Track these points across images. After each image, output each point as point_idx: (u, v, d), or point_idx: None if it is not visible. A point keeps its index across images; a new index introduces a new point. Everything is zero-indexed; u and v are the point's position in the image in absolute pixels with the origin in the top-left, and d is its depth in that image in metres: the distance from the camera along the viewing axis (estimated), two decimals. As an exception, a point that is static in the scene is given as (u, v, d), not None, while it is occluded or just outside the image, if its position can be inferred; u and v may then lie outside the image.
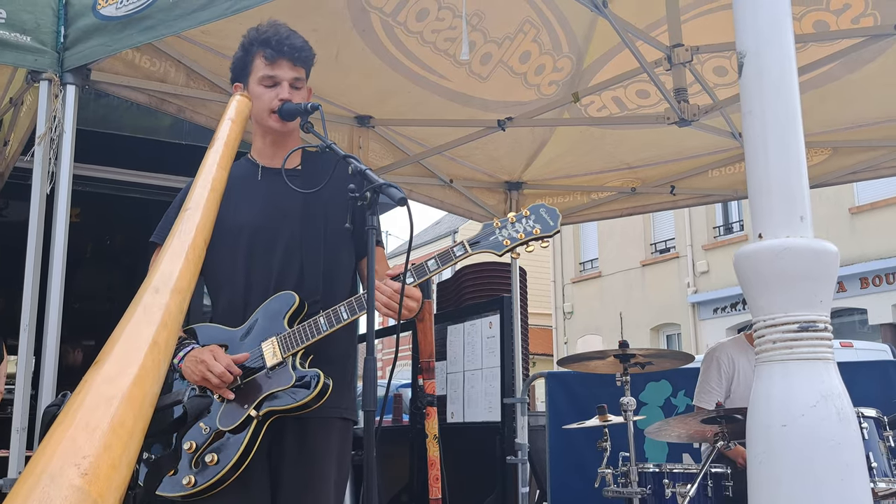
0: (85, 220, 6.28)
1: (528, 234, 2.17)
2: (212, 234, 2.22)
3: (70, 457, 1.04)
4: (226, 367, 2.13)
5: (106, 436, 1.09)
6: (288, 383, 2.15)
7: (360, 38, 3.75)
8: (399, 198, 1.94)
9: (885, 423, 3.23)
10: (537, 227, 2.18)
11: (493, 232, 2.18)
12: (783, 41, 1.82)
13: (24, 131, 3.39)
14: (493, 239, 2.18)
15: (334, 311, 2.17)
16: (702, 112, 3.82)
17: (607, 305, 20.53)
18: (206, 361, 2.12)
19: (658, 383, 5.01)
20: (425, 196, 5.19)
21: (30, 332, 2.62)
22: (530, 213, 2.19)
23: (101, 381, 1.20)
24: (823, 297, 1.73)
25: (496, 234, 2.18)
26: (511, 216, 2.20)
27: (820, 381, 1.68)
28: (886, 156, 4.77)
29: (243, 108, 2.34)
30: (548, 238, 2.18)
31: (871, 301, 15.24)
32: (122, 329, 1.31)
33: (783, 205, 1.74)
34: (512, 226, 2.18)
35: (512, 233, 2.18)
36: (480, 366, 5.42)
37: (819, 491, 1.62)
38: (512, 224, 2.18)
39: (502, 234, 2.18)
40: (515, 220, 2.18)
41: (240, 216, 2.33)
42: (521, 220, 2.18)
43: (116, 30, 2.71)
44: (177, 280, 1.57)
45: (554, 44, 4.10)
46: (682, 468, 3.41)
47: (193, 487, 2.08)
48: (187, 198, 2.08)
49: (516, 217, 2.19)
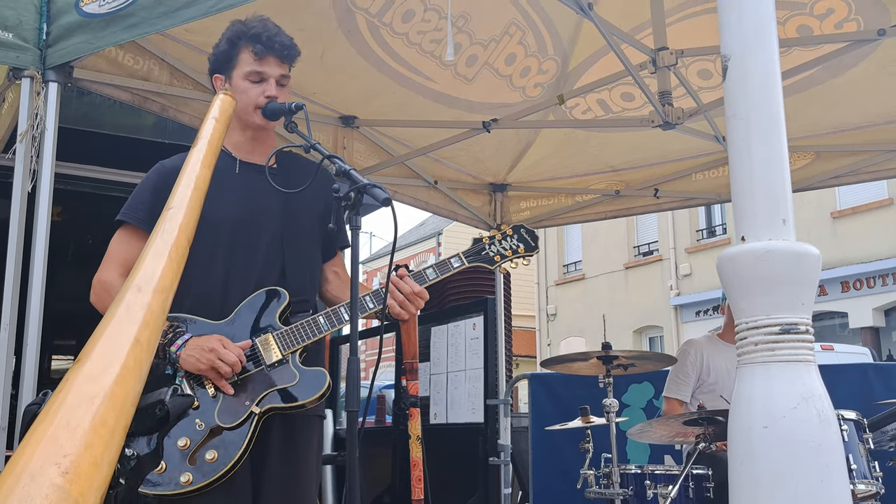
0: (67, 219, 6.24)
1: (514, 252, 2.48)
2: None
3: (51, 456, 1.03)
4: (237, 356, 2.11)
5: (87, 435, 1.08)
6: (292, 381, 2.15)
7: (346, 39, 3.74)
8: (383, 198, 1.94)
9: (864, 426, 3.26)
10: (521, 245, 2.49)
11: (484, 247, 2.46)
12: (767, 45, 1.83)
13: (6, 129, 3.36)
14: (484, 254, 2.45)
15: (335, 312, 2.21)
16: (686, 115, 3.85)
17: (591, 308, 20.62)
18: (216, 350, 2.10)
19: (640, 385, 5.03)
20: (410, 197, 5.19)
21: (10, 331, 2.60)
22: (513, 232, 2.50)
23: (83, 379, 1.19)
24: (805, 299, 1.75)
25: (487, 249, 2.46)
26: (496, 234, 2.49)
27: (801, 382, 1.69)
28: (868, 160, 4.81)
29: (227, 108, 2.32)
30: (529, 256, 2.50)
31: (852, 305, 15.39)
32: (103, 327, 1.30)
33: (766, 207, 1.75)
34: (500, 243, 2.47)
35: (501, 249, 2.47)
36: (464, 367, 5.42)
37: (799, 492, 1.63)
38: (500, 241, 2.47)
39: (492, 249, 2.46)
40: (502, 238, 2.48)
41: (219, 209, 2.28)
42: (506, 238, 2.48)
43: (99, 27, 2.68)
44: (159, 280, 1.55)
45: (539, 46, 4.11)
46: (664, 469, 3.42)
47: (192, 485, 2.05)
48: (171, 196, 2.06)
49: (502, 235, 2.48)
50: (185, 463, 2.07)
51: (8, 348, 2.60)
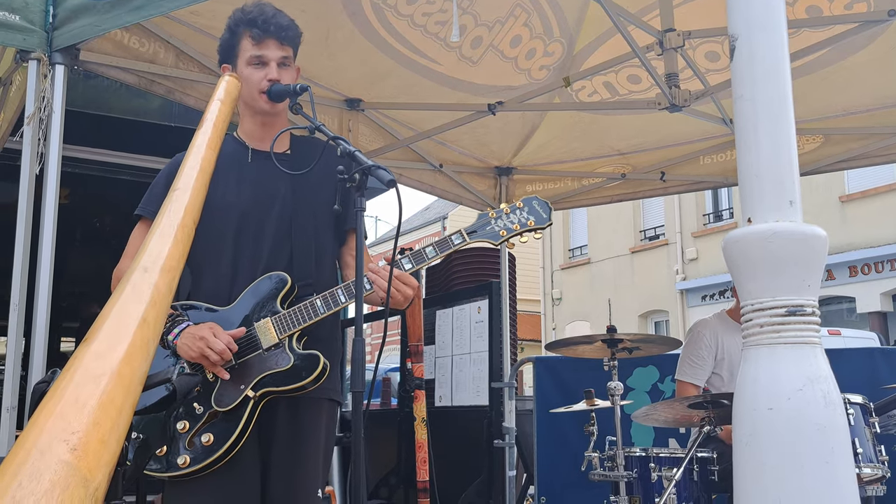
0: (74, 202, 6.25)
1: (523, 226, 2.26)
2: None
3: (59, 432, 1.04)
4: (226, 344, 2.12)
5: (95, 412, 1.09)
6: (287, 364, 2.16)
7: (350, 21, 3.73)
8: (388, 179, 1.94)
9: (871, 410, 3.26)
10: (531, 218, 2.27)
11: (489, 222, 2.27)
12: (776, 25, 1.82)
13: (14, 112, 3.36)
14: (489, 229, 2.26)
15: (331, 294, 2.19)
16: (693, 98, 3.83)
17: (596, 292, 20.59)
18: (205, 338, 2.12)
19: (645, 369, 5.03)
20: (415, 181, 5.18)
21: (19, 313, 2.61)
22: (523, 204, 2.29)
23: (91, 357, 1.20)
24: (812, 281, 1.74)
25: (492, 223, 2.27)
26: (505, 207, 2.28)
27: (807, 364, 1.69)
28: (878, 143, 4.78)
29: (232, 89, 2.33)
30: (541, 230, 2.28)
31: (859, 289, 15.34)
32: (111, 307, 1.31)
33: (773, 189, 1.75)
34: (507, 216, 2.27)
35: (507, 223, 2.26)
36: (469, 350, 5.43)
37: (804, 474, 1.64)
38: (507, 215, 2.27)
39: (498, 224, 2.26)
40: (510, 212, 2.27)
41: (229, 196, 2.32)
42: (515, 212, 2.27)
43: (105, 9, 2.68)
44: (166, 259, 1.56)
45: (545, 28, 4.09)
46: (669, 452, 3.43)
47: (189, 467, 2.08)
48: (176, 178, 2.07)
49: (510, 208, 2.28)
50: (184, 446, 2.10)
51: (17, 330, 2.62)
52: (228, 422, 2.12)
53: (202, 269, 2.31)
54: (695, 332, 4.13)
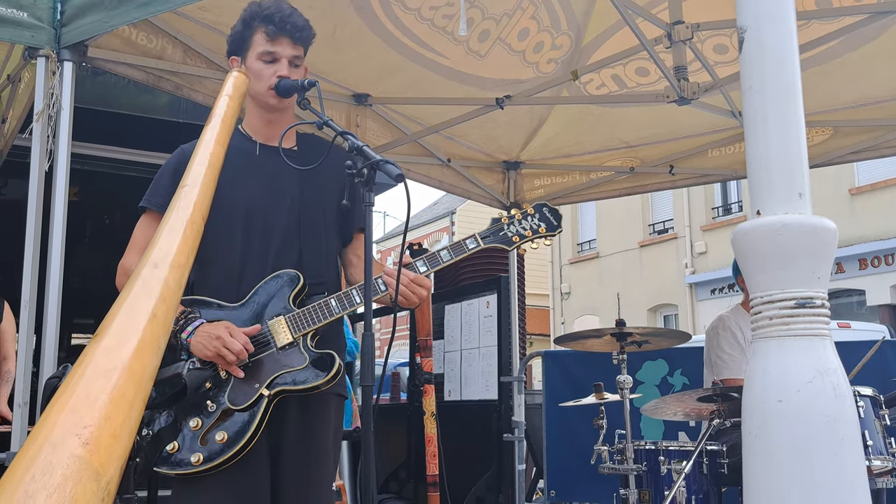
0: (83, 199, 6.28)
1: (535, 233, 2.36)
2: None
3: (71, 427, 1.05)
4: (243, 344, 2.13)
5: (107, 406, 1.10)
6: (302, 364, 2.16)
7: (357, 15, 3.72)
8: (396, 174, 1.95)
9: (881, 402, 3.25)
10: (542, 225, 2.37)
11: (503, 227, 2.35)
12: (784, 17, 1.81)
13: (23, 108, 3.38)
14: (502, 234, 2.35)
15: (346, 294, 2.20)
16: (702, 90, 3.81)
17: (605, 286, 20.57)
18: (222, 338, 2.11)
19: (655, 362, 5.02)
20: (423, 175, 5.18)
21: (30, 310, 2.63)
22: (534, 211, 2.37)
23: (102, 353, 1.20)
24: (821, 273, 1.74)
25: (505, 229, 2.35)
26: (517, 213, 2.36)
27: (816, 356, 1.69)
28: (888, 135, 4.75)
29: (240, 85, 2.33)
30: (552, 236, 2.37)
31: (869, 282, 15.27)
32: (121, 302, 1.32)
33: (782, 181, 1.74)
34: (519, 223, 2.36)
35: (520, 230, 2.35)
36: (478, 345, 5.44)
37: (813, 466, 1.63)
38: (519, 221, 2.36)
39: (510, 230, 2.35)
40: (522, 218, 2.36)
41: (237, 192, 2.32)
42: (527, 218, 2.37)
43: (112, 6, 2.69)
44: (175, 255, 1.57)
45: (553, 21, 4.07)
46: (678, 445, 3.43)
47: (203, 464, 2.08)
48: (185, 173, 2.07)
49: (522, 214, 2.36)
50: (197, 443, 2.10)
51: (28, 326, 2.63)
52: (242, 420, 2.12)
53: (210, 264, 2.30)
54: (724, 329, 4.08)
